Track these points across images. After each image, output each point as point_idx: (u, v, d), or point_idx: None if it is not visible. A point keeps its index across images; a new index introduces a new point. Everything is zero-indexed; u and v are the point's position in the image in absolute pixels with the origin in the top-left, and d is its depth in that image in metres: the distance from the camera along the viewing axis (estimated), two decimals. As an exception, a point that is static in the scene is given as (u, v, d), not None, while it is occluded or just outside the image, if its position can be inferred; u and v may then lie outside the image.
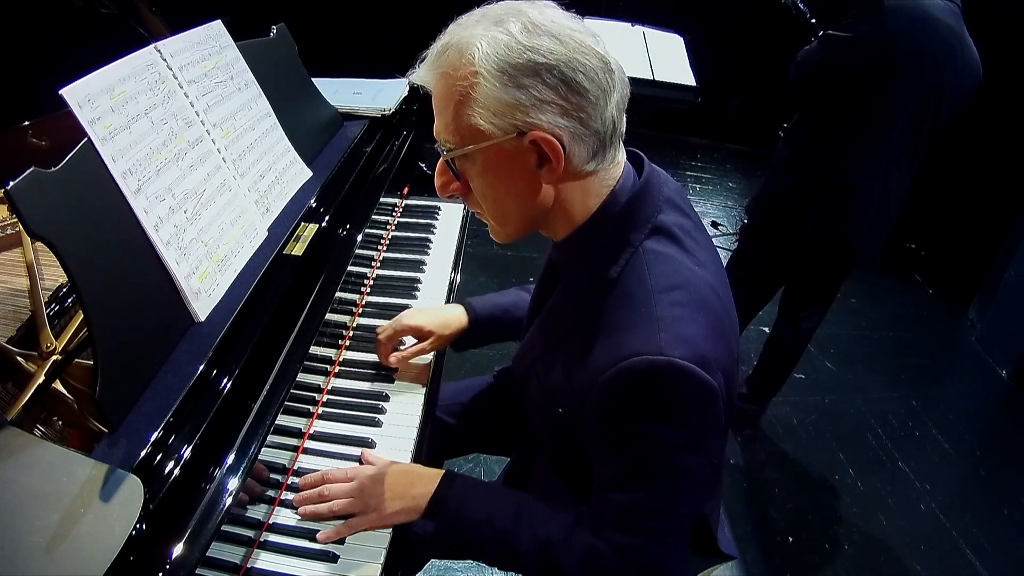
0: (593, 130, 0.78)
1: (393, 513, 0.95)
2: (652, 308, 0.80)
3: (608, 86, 0.77)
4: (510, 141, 0.77)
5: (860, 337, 3.08)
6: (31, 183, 0.78)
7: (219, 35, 1.23)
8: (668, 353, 0.76)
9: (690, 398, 0.78)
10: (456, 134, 0.80)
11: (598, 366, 0.80)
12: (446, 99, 0.79)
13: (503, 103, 0.75)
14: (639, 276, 0.82)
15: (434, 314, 1.25)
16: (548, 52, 0.74)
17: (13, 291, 1.08)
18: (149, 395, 0.87)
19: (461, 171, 0.84)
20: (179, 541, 0.74)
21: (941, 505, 2.26)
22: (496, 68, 0.74)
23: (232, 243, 1.09)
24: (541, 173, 0.80)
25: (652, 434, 0.80)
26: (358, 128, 1.61)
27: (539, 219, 0.87)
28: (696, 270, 0.85)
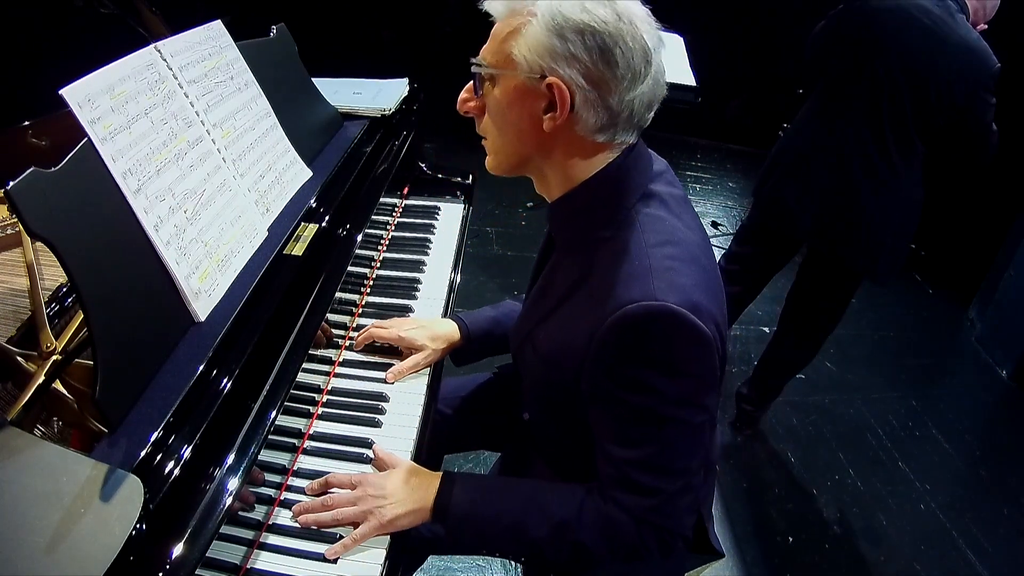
0: (607, 104, 0.82)
1: (396, 518, 0.94)
2: (645, 260, 0.84)
3: (639, 74, 0.82)
4: (532, 79, 0.83)
5: (860, 337, 3.08)
6: (31, 183, 0.78)
7: (219, 35, 1.23)
8: (662, 298, 0.80)
9: (685, 343, 0.81)
10: (494, 56, 0.87)
11: (595, 320, 0.84)
12: (503, 27, 0.86)
13: (541, 44, 0.81)
14: (632, 234, 0.87)
15: (426, 328, 1.25)
16: (600, 19, 0.79)
17: (13, 291, 1.08)
18: (149, 395, 0.87)
19: (484, 91, 0.91)
20: (179, 541, 0.74)
21: (941, 505, 2.26)
22: (551, 16, 0.80)
23: (232, 243, 1.09)
24: (545, 119, 0.85)
25: (649, 382, 0.82)
26: (358, 128, 1.61)
27: (532, 163, 0.92)
28: (686, 231, 0.90)
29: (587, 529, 0.91)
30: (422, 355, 1.22)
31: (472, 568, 1.85)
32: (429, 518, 0.95)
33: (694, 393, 0.85)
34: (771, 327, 2.38)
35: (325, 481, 0.99)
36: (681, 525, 0.92)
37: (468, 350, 1.27)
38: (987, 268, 3.21)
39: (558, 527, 0.92)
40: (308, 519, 0.94)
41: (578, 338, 0.87)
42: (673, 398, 0.84)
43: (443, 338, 1.24)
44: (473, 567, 1.85)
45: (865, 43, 1.84)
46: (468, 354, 1.28)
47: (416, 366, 1.22)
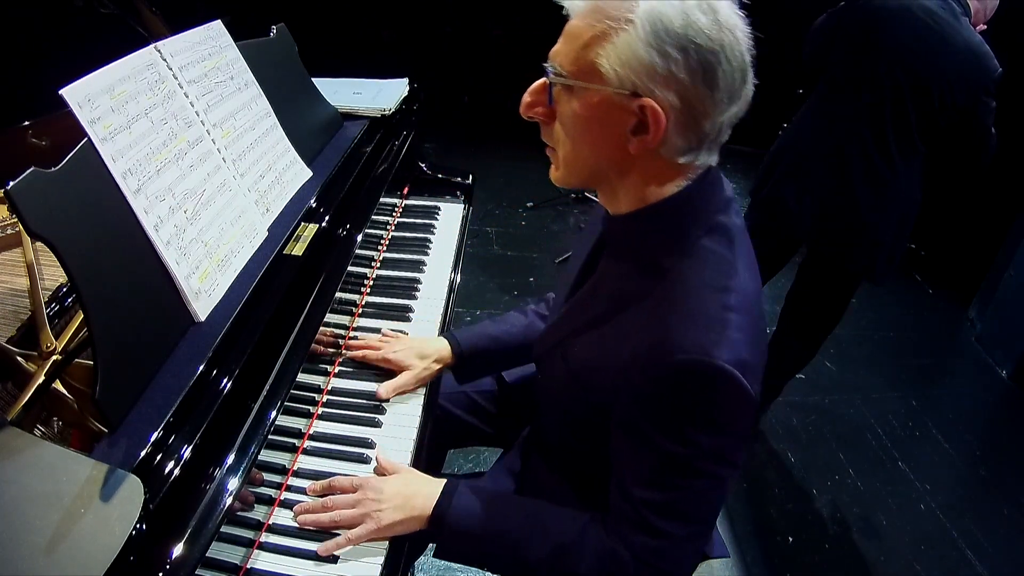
0: (700, 127, 0.77)
1: (392, 524, 0.94)
2: (704, 305, 0.79)
3: (736, 94, 0.77)
4: (621, 96, 0.75)
5: (860, 337, 3.08)
6: (31, 183, 0.78)
7: (219, 35, 1.23)
8: (716, 355, 0.75)
9: (730, 404, 0.78)
10: (574, 64, 0.78)
11: (643, 355, 0.80)
12: (584, 29, 0.77)
13: (637, 59, 0.73)
14: (694, 271, 0.82)
15: (414, 348, 1.22)
16: (705, 33, 0.72)
17: (13, 291, 1.08)
18: (149, 395, 0.87)
19: (556, 98, 0.82)
20: (179, 541, 0.74)
21: (941, 505, 2.26)
22: (651, 25, 0.72)
23: (232, 243, 1.09)
24: (631, 140, 0.78)
25: (687, 434, 0.79)
26: (358, 128, 1.61)
27: (605, 180, 0.86)
28: (745, 275, 0.85)
29: (587, 559, 0.89)
30: (411, 374, 1.19)
31: (473, 568, 1.85)
32: (427, 525, 0.94)
33: (729, 450, 0.82)
34: (771, 327, 2.37)
35: (328, 484, 0.99)
36: (681, 572, 0.90)
37: (462, 368, 1.25)
38: (987, 268, 3.21)
39: (557, 553, 0.90)
40: (307, 519, 0.94)
41: (617, 363, 0.83)
42: (708, 453, 0.81)
43: (432, 356, 1.21)
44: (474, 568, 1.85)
45: (868, 43, 1.83)
46: (464, 372, 1.26)
47: (405, 385, 1.19)
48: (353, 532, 0.92)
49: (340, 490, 0.98)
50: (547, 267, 3.20)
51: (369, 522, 0.93)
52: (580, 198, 3.79)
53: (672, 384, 0.78)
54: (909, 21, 1.78)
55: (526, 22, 4.37)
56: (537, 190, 3.76)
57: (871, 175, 1.89)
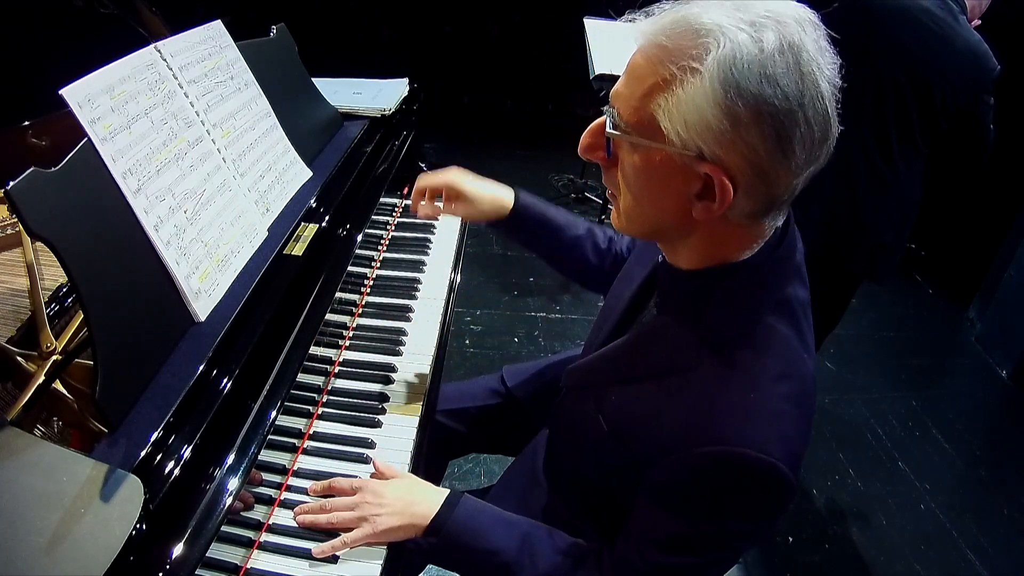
0: (771, 193, 0.69)
1: (390, 530, 0.93)
2: (764, 395, 0.74)
3: (815, 156, 0.68)
4: (684, 156, 0.67)
5: (860, 337, 3.08)
6: (31, 183, 0.78)
7: (219, 35, 1.23)
8: (770, 453, 0.72)
9: (775, 499, 0.76)
10: (634, 115, 0.69)
11: (694, 431, 0.75)
12: (646, 72, 0.68)
13: (704, 121, 0.64)
14: (756, 355, 0.76)
15: (480, 184, 1.17)
16: (784, 94, 0.63)
17: (13, 291, 1.08)
18: (149, 395, 0.87)
19: (615, 149, 0.74)
20: (179, 541, 0.74)
21: (941, 505, 2.26)
22: (721, 82, 0.63)
23: (232, 243, 1.09)
24: (696, 204, 0.70)
25: (724, 519, 0.77)
26: (358, 128, 1.61)
27: (667, 236, 0.80)
28: (807, 360, 0.80)
29: None
30: (461, 208, 1.15)
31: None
32: (423, 533, 0.94)
33: (760, 533, 0.81)
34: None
35: (328, 484, 0.99)
36: None
37: (504, 224, 1.18)
38: (987, 268, 3.21)
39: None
40: (305, 520, 0.94)
41: (660, 432, 0.78)
42: (738, 535, 0.79)
43: (491, 202, 1.16)
44: None
45: (867, 45, 1.82)
46: (502, 228, 1.19)
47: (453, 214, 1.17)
48: (349, 536, 0.92)
49: (340, 492, 0.98)
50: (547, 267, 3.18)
51: (366, 526, 0.92)
52: (580, 198, 3.79)
53: (720, 472, 0.74)
54: (909, 22, 1.77)
55: (525, 22, 4.37)
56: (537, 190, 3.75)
57: (874, 178, 1.89)
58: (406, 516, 0.94)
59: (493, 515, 0.97)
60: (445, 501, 0.95)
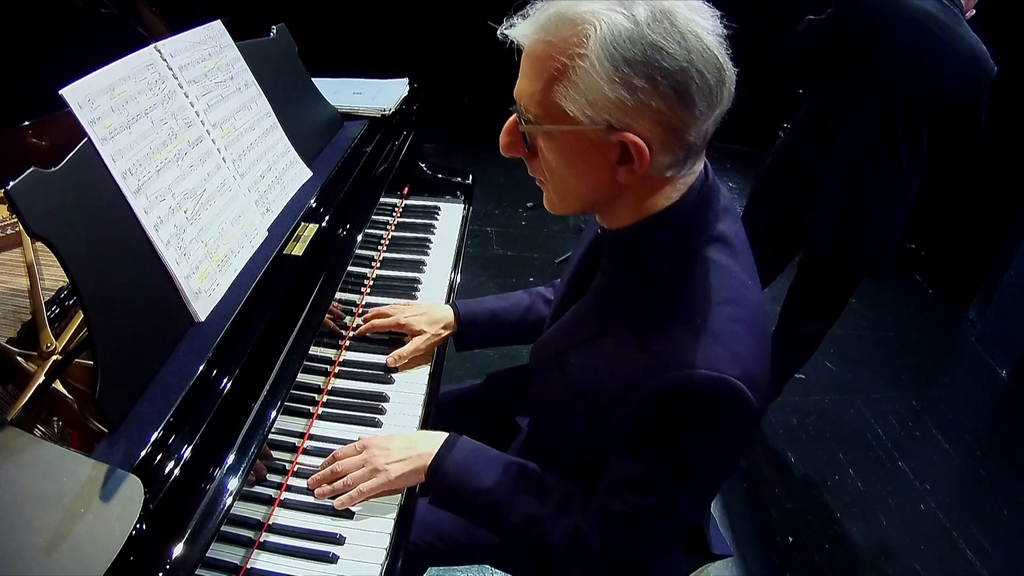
0: (685, 142, 0.74)
1: (402, 475, 0.97)
2: (709, 320, 0.78)
3: (717, 99, 0.72)
4: (597, 132, 0.72)
5: (860, 337, 3.08)
6: (31, 183, 0.78)
7: (219, 35, 1.23)
8: (723, 370, 0.74)
9: (735, 418, 0.78)
10: (540, 107, 0.74)
11: (648, 369, 0.78)
12: (540, 68, 0.72)
13: (603, 97, 0.69)
14: (698, 285, 0.80)
15: (426, 313, 1.28)
16: (670, 55, 0.67)
17: (13, 291, 1.08)
18: (149, 395, 0.87)
19: (532, 142, 0.79)
20: (179, 541, 0.74)
21: (941, 505, 2.26)
22: (608, 59, 0.67)
23: (232, 243, 1.09)
24: (618, 170, 0.75)
25: (689, 448, 0.79)
26: (358, 128, 1.61)
27: (600, 205, 0.84)
28: (750, 285, 0.84)
29: (557, 531, 0.92)
30: (422, 339, 1.25)
31: (472, 569, 1.85)
32: (427, 473, 0.98)
33: (728, 459, 0.84)
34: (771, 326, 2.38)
35: (332, 456, 1.03)
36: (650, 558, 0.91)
37: (463, 338, 1.30)
38: (987, 268, 3.21)
39: (532, 519, 0.93)
40: (324, 490, 0.98)
41: (617, 380, 0.82)
42: (707, 462, 0.81)
43: (441, 322, 1.27)
44: (473, 568, 1.85)
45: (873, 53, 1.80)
46: (463, 341, 1.31)
47: (416, 351, 1.24)
48: (365, 485, 0.97)
49: (345, 456, 1.02)
50: (547, 267, 3.20)
51: (380, 475, 0.97)
52: (580, 198, 3.79)
53: (678, 399, 0.77)
54: (916, 31, 1.75)
55: (526, 22, 4.36)
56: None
57: (882, 184, 1.89)
58: (413, 460, 0.98)
59: (489, 455, 1.01)
60: (444, 442, 1.00)
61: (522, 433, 1.25)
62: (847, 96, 1.87)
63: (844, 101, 1.88)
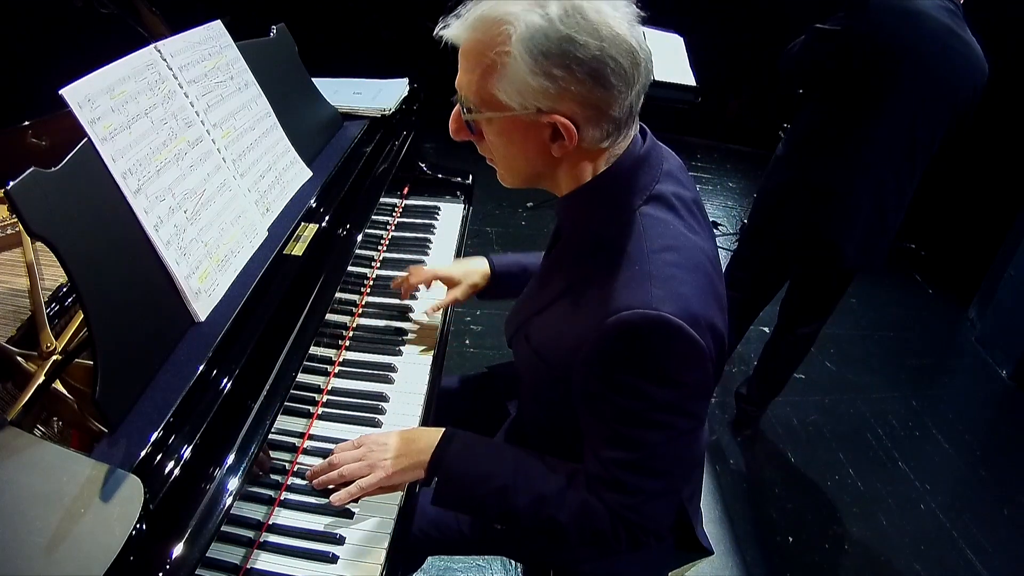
0: (610, 117, 0.81)
1: (399, 471, 0.99)
2: (646, 265, 0.83)
3: (633, 79, 0.79)
4: (528, 115, 0.81)
5: (860, 337, 3.08)
6: (31, 183, 0.78)
7: (219, 35, 1.23)
8: (659, 308, 0.79)
9: (678, 354, 0.81)
10: (477, 96, 0.83)
11: (589, 320, 0.83)
12: (473, 62, 0.81)
13: (529, 86, 0.78)
14: (635, 237, 0.86)
15: (460, 265, 1.36)
16: (582, 45, 0.75)
17: (13, 291, 1.08)
18: (149, 395, 0.87)
19: (476, 127, 0.88)
20: (179, 541, 0.74)
21: (941, 505, 2.26)
22: (528, 53, 0.76)
23: (232, 243, 1.09)
24: (552, 146, 0.83)
25: (640, 388, 0.82)
26: (358, 128, 1.61)
27: (544, 177, 0.92)
28: (690, 235, 0.89)
29: (565, 509, 0.93)
30: (459, 289, 1.33)
31: (472, 568, 1.85)
32: (427, 469, 0.99)
33: (683, 401, 0.85)
34: (771, 327, 2.38)
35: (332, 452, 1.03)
36: (656, 524, 0.93)
37: (494, 287, 1.36)
38: (987, 268, 3.21)
39: (539, 500, 0.94)
40: (320, 480, 0.99)
41: (571, 337, 0.87)
42: (662, 405, 0.84)
43: (476, 272, 1.34)
44: (473, 567, 1.85)
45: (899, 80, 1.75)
46: (493, 291, 1.36)
47: (455, 300, 1.33)
48: (364, 481, 0.98)
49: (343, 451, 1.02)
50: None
51: (378, 471, 0.98)
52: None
53: (620, 339, 0.80)
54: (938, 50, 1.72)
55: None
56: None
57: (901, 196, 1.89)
58: (411, 456, 0.99)
59: (487, 445, 1.03)
60: (442, 436, 1.01)
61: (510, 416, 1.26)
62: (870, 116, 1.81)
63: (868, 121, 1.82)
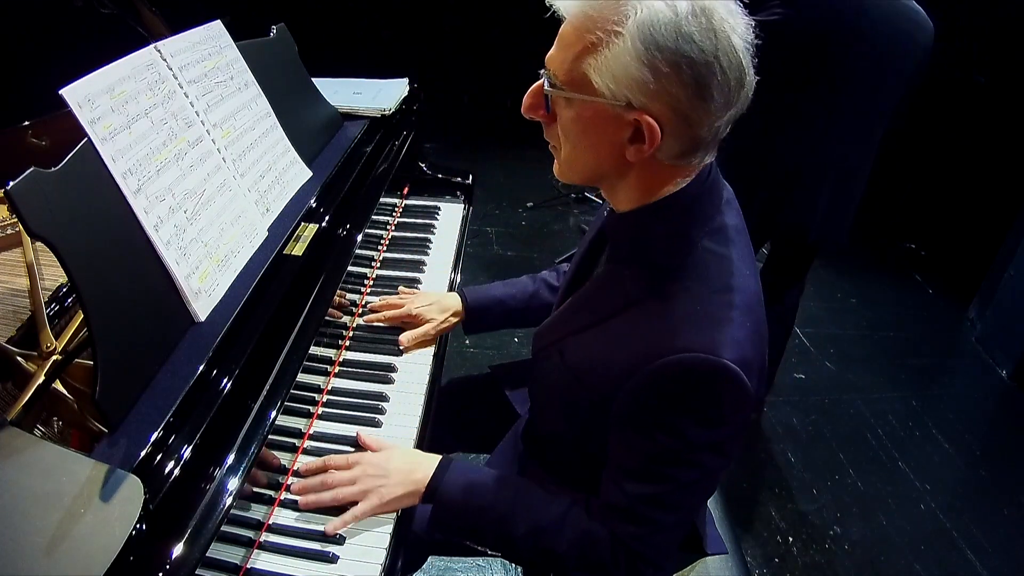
0: (695, 134, 0.76)
1: (395, 499, 0.96)
2: (708, 306, 0.80)
3: (733, 99, 0.75)
4: (615, 107, 0.75)
5: (860, 337, 3.08)
6: (31, 183, 0.78)
7: (219, 35, 1.23)
8: (721, 354, 0.77)
9: (731, 401, 0.79)
10: (568, 74, 0.77)
11: (647, 353, 0.80)
12: (575, 37, 0.76)
13: (628, 74, 0.72)
14: (698, 273, 0.83)
15: (436, 302, 1.34)
16: (697, 46, 0.70)
17: (13, 291, 1.08)
18: (149, 395, 0.87)
19: (554, 106, 0.82)
20: (179, 541, 0.74)
21: (941, 505, 2.26)
22: (641, 40, 0.71)
23: (232, 243, 1.09)
24: (628, 148, 0.78)
25: (686, 431, 0.81)
26: (358, 128, 1.61)
27: (606, 181, 0.86)
28: (747, 275, 0.86)
29: (563, 540, 0.92)
30: (431, 326, 1.31)
31: (472, 568, 1.85)
32: (423, 497, 0.97)
33: (725, 443, 0.84)
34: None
35: (323, 463, 1.00)
36: (660, 557, 0.92)
37: (470, 325, 1.36)
38: (987, 268, 3.20)
39: (537, 530, 0.93)
40: (309, 500, 0.96)
41: (620, 365, 0.83)
42: (704, 446, 0.83)
43: (450, 310, 1.33)
44: (473, 567, 1.85)
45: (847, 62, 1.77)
46: (471, 326, 1.36)
47: (426, 334, 1.30)
48: (359, 508, 0.95)
49: (336, 468, 1.00)
50: (547, 267, 3.19)
51: (372, 497, 0.95)
52: (580, 198, 3.79)
53: (676, 379, 0.78)
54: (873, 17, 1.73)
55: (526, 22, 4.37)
56: (537, 190, 3.76)
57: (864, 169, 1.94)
58: (408, 483, 0.97)
59: (484, 473, 1.01)
60: (439, 464, 0.99)
61: (521, 419, 1.26)
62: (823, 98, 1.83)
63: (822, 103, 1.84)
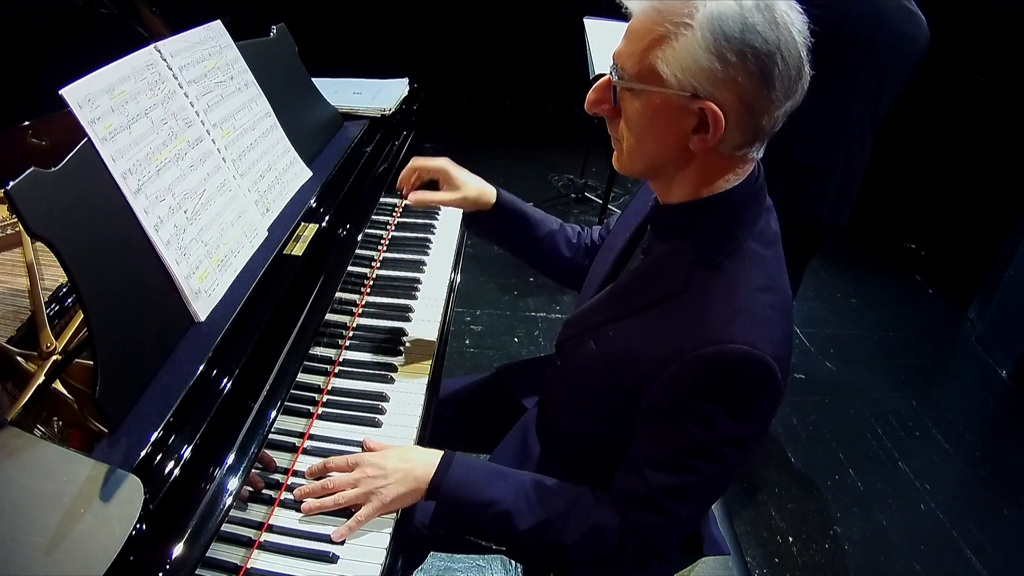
0: (758, 124, 0.79)
1: (397, 498, 0.96)
2: (749, 303, 0.83)
3: (792, 90, 0.77)
4: (681, 97, 0.77)
5: (860, 337, 3.08)
6: (31, 183, 0.78)
7: (219, 35, 1.23)
8: (761, 349, 0.79)
9: (765, 396, 0.82)
10: (636, 66, 0.80)
11: (687, 342, 0.82)
12: (645, 31, 0.78)
13: (697, 64, 0.75)
14: (742, 270, 0.85)
15: (469, 176, 1.26)
16: (762, 36, 0.73)
17: (13, 291, 1.08)
18: (149, 395, 0.87)
19: (620, 98, 0.84)
20: (179, 541, 0.74)
21: (941, 505, 2.26)
22: (710, 31, 0.73)
23: (232, 243, 1.09)
24: (692, 138, 0.80)
25: (717, 422, 0.82)
26: (358, 128, 1.61)
27: (666, 171, 0.88)
28: (785, 278, 0.90)
29: (571, 533, 0.92)
30: (449, 195, 1.23)
31: (472, 568, 1.85)
32: (425, 495, 0.97)
33: (749, 440, 0.85)
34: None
35: (323, 465, 1.00)
36: (670, 548, 0.92)
37: (486, 221, 1.28)
38: (987, 268, 3.21)
39: (542, 525, 0.93)
40: (311, 505, 0.95)
41: (655, 352, 0.85)
42: (731, 440, 0.84)
43: (477, 192, 1.25)
44: (473, 567, 1.85)
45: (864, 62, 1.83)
46: (484, 223, 1.28)
47: (441, 201, 1.25)
48: (361, 512, 0.94)
49: (337, 471, 0.99)
50: (547, 267, 3.19)
51: (374, 499, 0.95)
52: (580, 198, 3.79)
53: (715, 370, 0.80)
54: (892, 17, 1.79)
55: (526, 22, 4.37)
56: (537, 190, 3.76)
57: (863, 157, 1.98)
58: (409, 482, 0.96)
59: (487, 468, 1.01)
60: (441, 460, 0.98)
61: (528, 413, 1.25)
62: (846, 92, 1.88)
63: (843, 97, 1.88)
